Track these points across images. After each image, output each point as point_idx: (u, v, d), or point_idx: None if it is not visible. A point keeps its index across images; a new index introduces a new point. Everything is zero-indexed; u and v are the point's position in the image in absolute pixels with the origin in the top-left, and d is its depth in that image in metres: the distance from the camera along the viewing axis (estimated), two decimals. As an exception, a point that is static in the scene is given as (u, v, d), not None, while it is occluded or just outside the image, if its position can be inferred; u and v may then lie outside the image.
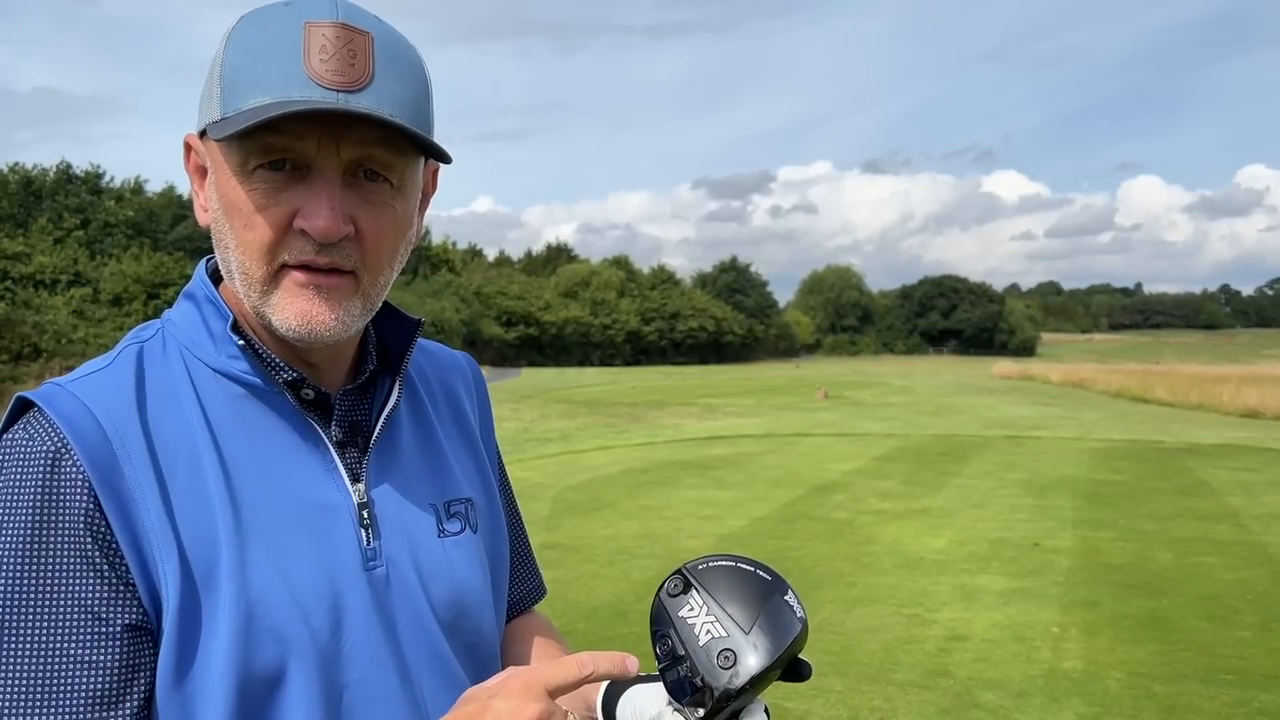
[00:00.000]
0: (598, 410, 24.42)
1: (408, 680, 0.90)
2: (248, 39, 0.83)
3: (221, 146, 0.83)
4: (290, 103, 0.79)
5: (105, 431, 0.81)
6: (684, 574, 0.91)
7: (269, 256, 0.84)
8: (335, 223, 0.82)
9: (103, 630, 0.78)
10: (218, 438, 0.85)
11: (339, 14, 0.82)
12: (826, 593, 6.44)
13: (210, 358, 0.88)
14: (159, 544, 0.80)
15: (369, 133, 0.82)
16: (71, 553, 0.78)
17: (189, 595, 0.80)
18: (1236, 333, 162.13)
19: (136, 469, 0.81)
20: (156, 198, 53.69)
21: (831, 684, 4.70)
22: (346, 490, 0.90)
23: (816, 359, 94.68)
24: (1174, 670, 4.92)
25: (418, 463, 0.97)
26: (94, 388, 0.84)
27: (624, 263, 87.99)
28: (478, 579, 0.98)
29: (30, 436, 0.81)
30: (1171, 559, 7.42)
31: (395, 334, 0.98)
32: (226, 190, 0.84)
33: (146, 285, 33.68)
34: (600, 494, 10.61)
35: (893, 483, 11.56)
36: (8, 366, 20.70)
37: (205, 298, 0.91)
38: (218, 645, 0.81)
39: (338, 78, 0.80)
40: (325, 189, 0.82)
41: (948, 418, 22.37)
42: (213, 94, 0.84)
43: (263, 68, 0.81)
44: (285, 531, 0.85)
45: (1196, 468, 12.89)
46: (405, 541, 0.92)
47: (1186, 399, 27.77)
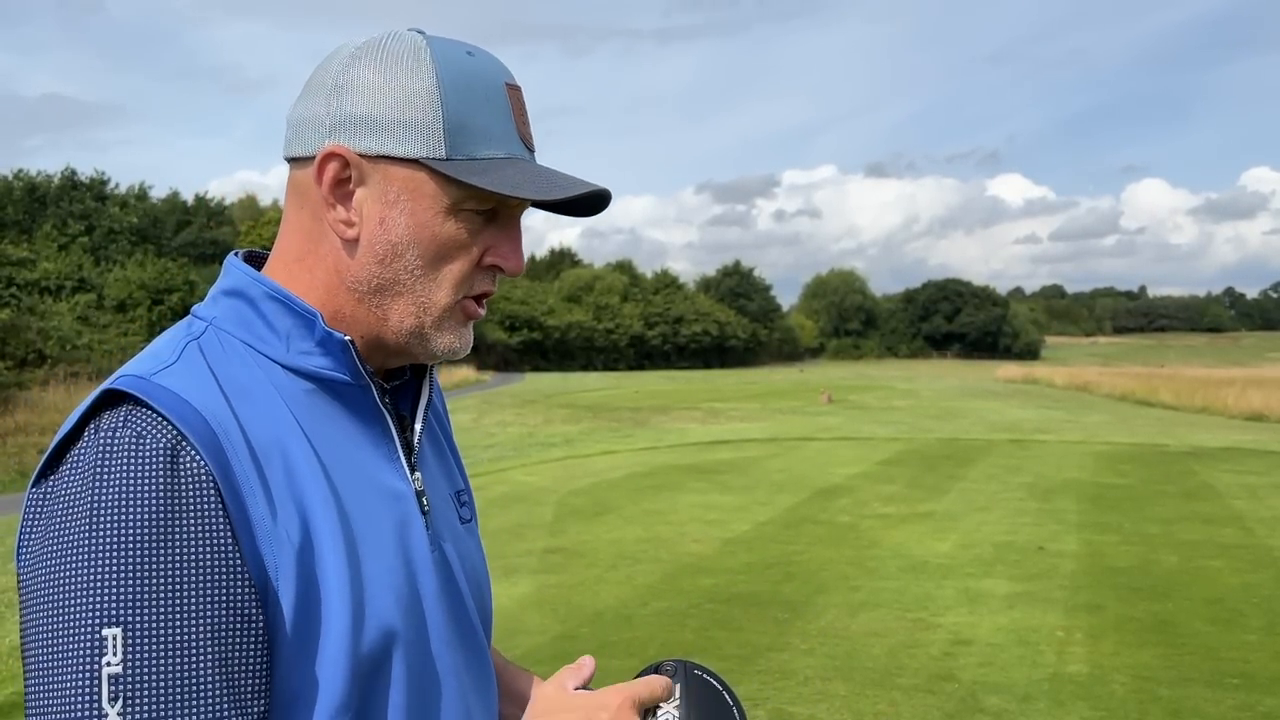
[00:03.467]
0: (601, 414, 24.43)
1: (459, 654, 0.95)
2: (461, 84, 0.87)
3: (438, 180, 0.86)
4: (549, 174, 0.88)
5: (210, 425, 0.80)
6: (681, 668, 1.00)
7: (459, 288, 0.90)
8: (522, 261, 0.92)
9: (249, 628, 0.78)
10: (305, 430, 0.87)
11: (513, 77, 0.90)
12: (831, 597, 6.44)
13: (278, 354, 0.89)
14: (267, 538, 0.80)
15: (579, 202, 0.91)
16: (209, 549, 0.77)
17: (303, 584, 0.81)
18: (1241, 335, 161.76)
19: (242, 463, 0.80)
20: (161, 204, 53.80)
21: (836, 688, 4.70)
22: (408, 479, 0.94)
23: (820, 363, 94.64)
24: (1179, 674, 4.91)
25: (435, 461, 1.03)
26: (185, 380, 0.82)
27: (627, 267, 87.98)
28: (484, 563, 1.06)
29: (139, 430, 0.77)
30: (1176, 562, 7.41)
31: None
32: (429, 222, 0.87)
33: (151, 291, 33.71)
34: (604, 498, 10.61)
35: (897, 486, 11.55)
36: (12, 373, 20.73)
37: (266, 295, 0.90)
38: (333, 629, 0.82)
39: (531, 142, 0.90)
40: (518, 234, 0.92)
41: (952, 421, 22.34)
42: (429, 128, 0.85)
43: (486, 120, 0.87)
44: (374, 518, 0.89)
45: (1201, 471, 12.87)
46: (447, 527, 0.98)
47: (1191, 402, 27.72)
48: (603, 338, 73.90)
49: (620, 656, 5.15)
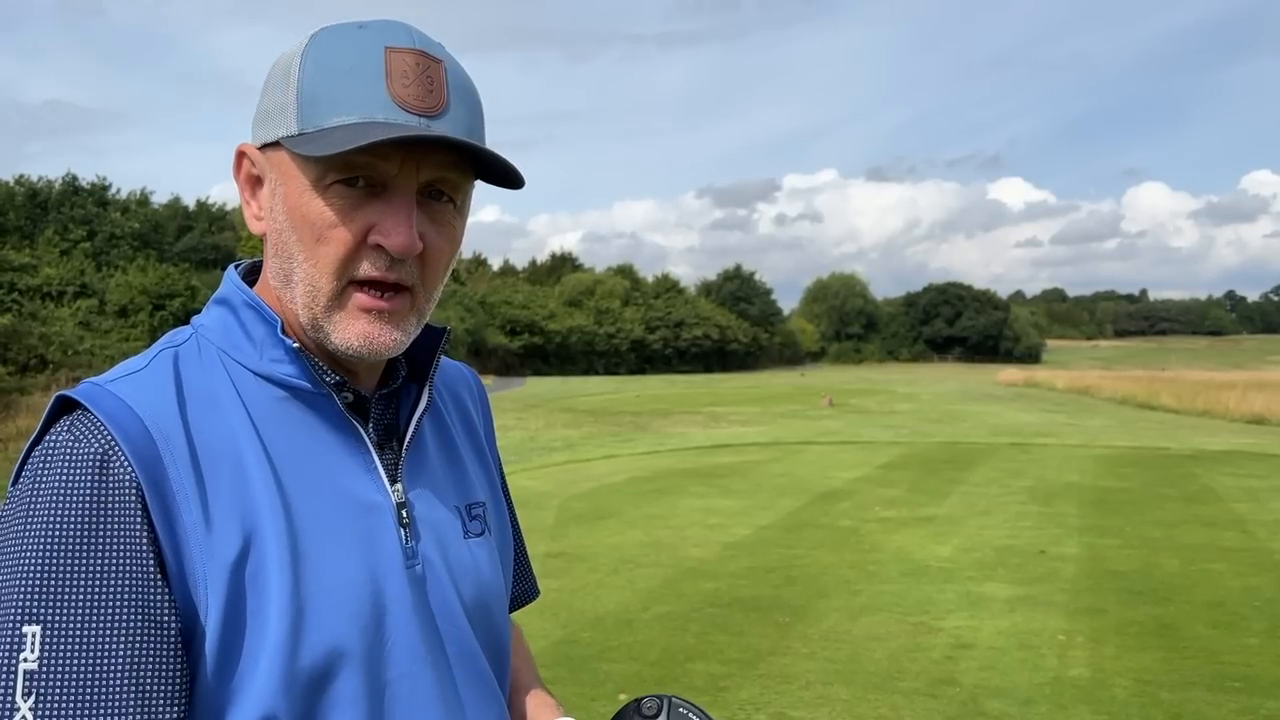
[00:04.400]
0: (602, 419, 24.42)
1: (444, 675, 0.92)
2: (326, 58, 0.85)
3: (296, 159, 0.85)
4: (385, 126, 0.81)
5: (150, 432, 0.81)
6: (665, 704, 1.00)
7: (340, 271, 0.85)
8: (413, 239, 0.84)
9: (162, 635, 0.79)
10: (263, 438, 0.86)
11: (415, 41, 0.86)
12: (832, 601, 6.44)
13: (251, 361, 0.89)
14: (198, 546, 0.80)
15: (445, 156, 0.86)
16: (125, 550, 0.78)
17: (234, 595, 0.81)
18: (1242, 338, 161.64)
19: (180, 471, 0.81)
20: (162, 209, 53.83)
21: (837, 693, 4.70)
22: (386, 490, 0.91)
23: (821, 367, 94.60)
24: (1181, 678, 4.91)
25: (442, 466, 1.00)
26: (135, 388, 0.84)
27: (628, 271, 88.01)
28: (496, 578, 1.01)
29: (76, 437, 0.80)
30: (1178, 566, 7.40)
31: (423, 343, 0.99)
32: (298, 203, 0.85)
33: (152, 296, 33.74)
34: (605, 503, 10.61)
35: (898, 490, 11.55)
36: (14, 378, 20.75)
37: (244, 303, 0.91)
38: (267, 643, 0.81)
39: (419, 103, 0.84)
40: (405, 207, 0.85)
41: (953, 425, 22.33)
42: (286, 108, 0.85)
43: (343, 87, 0.84)
44: (332, 530, 0.86)
45: (1202, 474, 12.86)
46: (437, 541, 0.94)
47: (1192, 405, 27.71)
48: (604, 342, 73.89)
49: (622, 661, 5.15)
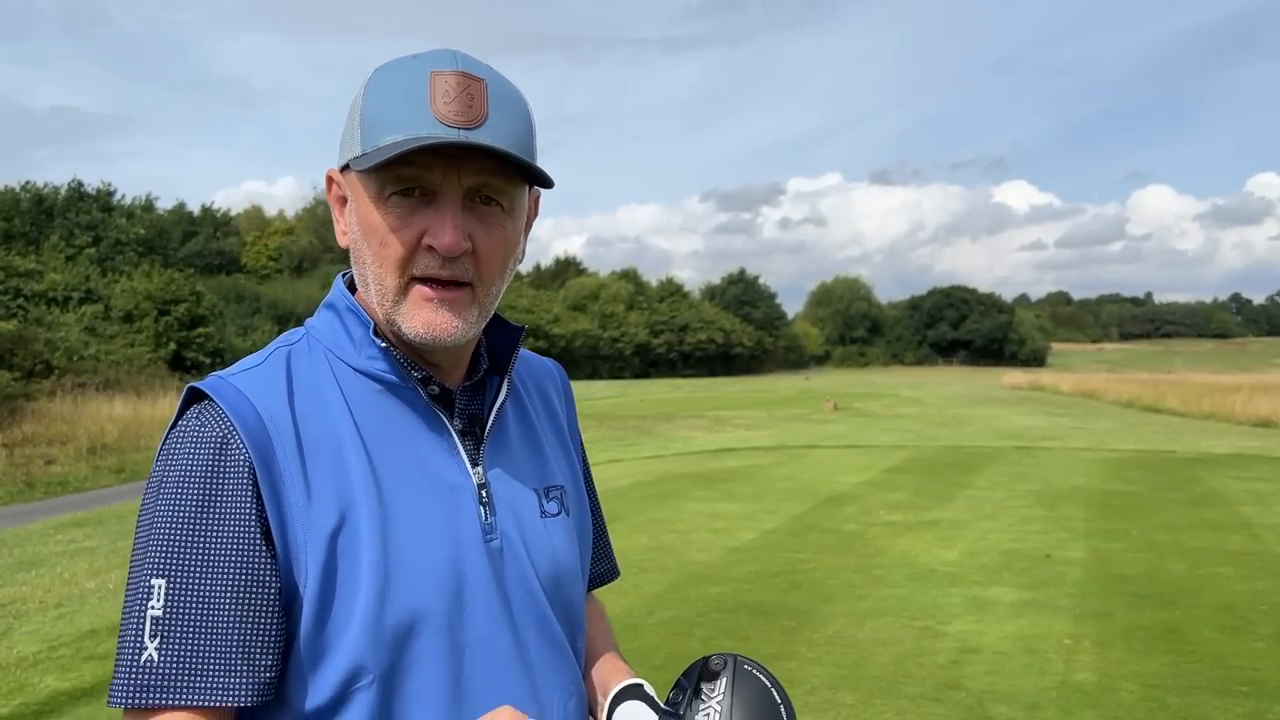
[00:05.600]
0: (607, 423, 24.42)
1: (518, 639, 1.04)
2: (383, 87, 0.98)
3: (361, 177, 0.98)
4: (420, 138, 0.93)
5: (263, 420, 0.95)
6: (732, 663, 1.04)
7: (401, 270, 0.98)
8: (457, 239, 0.97)
9: (264, 592, 0.93)
10: (360, 426, 1.00)
11: (458, 64, 0.97)
12: (837, 605, 6.43)
13: (351, 358, 1.03)
14: (300, 519, 0.94)
15: (485, 163, 0.97)
16: (238, 520, 0.93)
17: (330, 562, 0.94)
18: (1248, 341, 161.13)
19: (287, 454, 0.95)
20: (167, 215, 53.96)
21: (843, 697, 4.68)
22: (468, 473, 1.04)
23: (826, 370, 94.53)
24: (1188, 682, 4.89)
25: (522, 452, 1.12)
26: (252, 381, 0.99)
27: (632, 275, 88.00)
28: (572, 555, 1.13)
29: (202, 423, 0.95)
30: (1184, 570, 7.38)
31: (502, 339, 1.13)
32: (365, 215, 0.99)
33: (157, 302, 33.75)
34: (610, 507, 10.60)
35: (903, 494, 11.53)
36: (20, 384, 20.78)
37: (346, 308, 1.05)
38: (358, 604, 0.94)
39: (459, 117, 0.95)
40: (449, 211, 0.97)
41: (958, 429, 22.30)
42: (354, 134, 0.99)
43: (396, 111, 0.96)
44: (418, 507, 0.99)
45: (1209, 478, 12.83)
46: (515, 519, 1.06)
47: (1198, 408, 27.65)
48: (608, 346, 73.89)
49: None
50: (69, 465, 15.59)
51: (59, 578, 7.60)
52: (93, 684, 4.98)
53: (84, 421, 18.42)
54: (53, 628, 6.13)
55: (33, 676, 5.13)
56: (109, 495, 13.20)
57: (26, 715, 4.58)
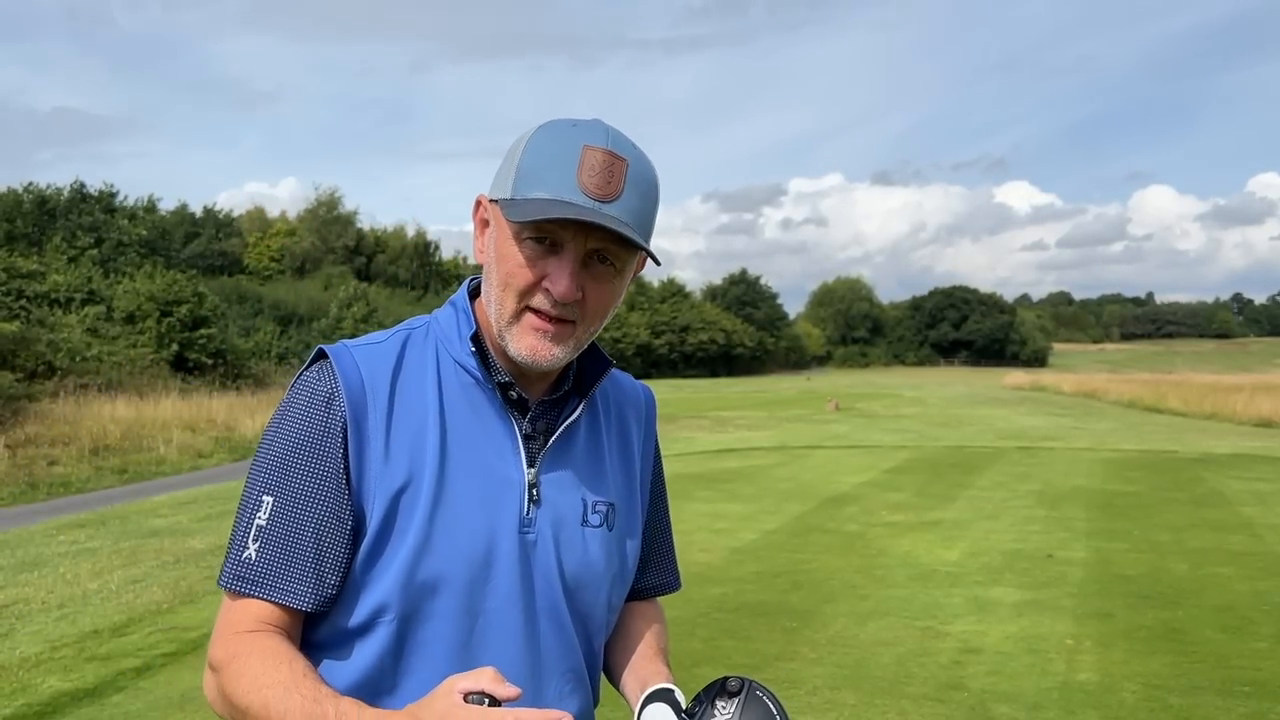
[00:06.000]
0: (608, 424, 24.37)
1: (532, 622, 1.20)
2: (542, 146, 1.14)
3: (505, 214, 1.14)
4: (564, 205, 1.10)
5: (364, 387, 1.16)
6: (747, 687, 1.17)
7: (519, 299, 1.16)
8: (572, 291, 1.14)
9: (339, 524, 1.14)
10: (445, 409, 1.19)
11: (609, 142, 1.13)
12: (839, 606, 6.42)
13: (455, 351, 1.22)
14: (375, 473, 1.15)
15: (609, 232, 1.12)
16: (330, 463, 1.15)
17: (390, 514, 1.14)
18: (1249, 341, 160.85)
19: (377, 418, 1.16)
20: (169, 216, 53.97)
21: (845, 698, 4.69)
22: (523, 471, 1.21)
23: (827, 371, 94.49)
24: (1190, 682, 4.89)
25: (582, 466, 1.27)
26: (368, 354, 1.20)
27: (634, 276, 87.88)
28: (602, 565, 1.26)
29: (320, 378, 1.17)
30: (1186, 570, 7.38)
31: (593, 366, 1.29)
32: (502, 245, 1.16)
33: (159, 303, 33.72)
34: (612, 508, 10.61)
35: (905, 495, 11.53)
36: (22, 384, 20.78)
37: (462, 309, 1.25)
38: (400, 554, 1.14)
39: (598, 191, 1.11)
40: (569, 265, 1.13)
41: (959, 429, 22.30)
42: (508, 177, 1.15)
43: (548, 171, 1.12)
44: (471, 488, 1.17)
45: (1210, 478, 12.82)
46: (554, 520, 1.22)
47: (1200, 408, 27.64)
48: (609, 347, 72.93)
49: (628, 666, 5.15)
50: (71, 466, 15.60)
51: (61, 578, 7.61)
52: (95, 684, 4.98)
53: (86, 422, 18.42)
54: (55, 628, 6.14)
55: (35, 677, 5.14)
56: (111, 496, 13.21)
57: (29, 716, 4.59)
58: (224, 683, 1.12)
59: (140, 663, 5.34)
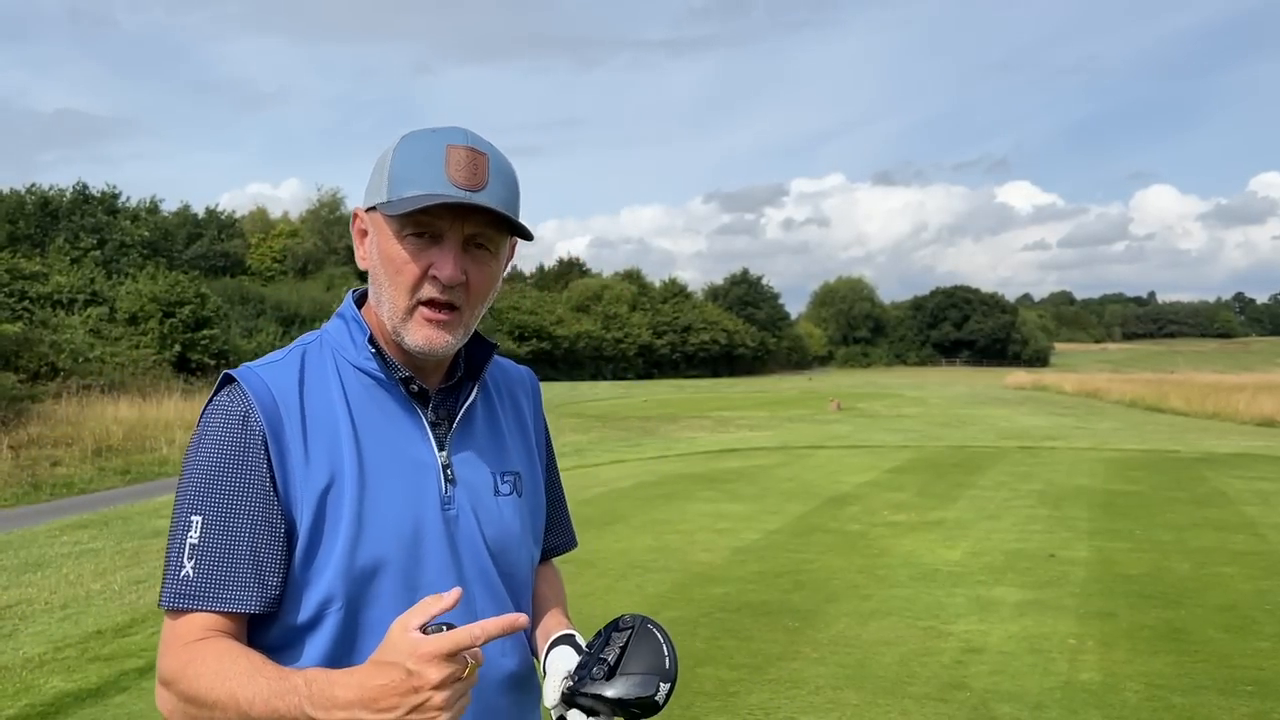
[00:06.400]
0: (610, 424, 24.43)
1: (466, 589, 1.25)
2: (409, 152, 1.26)
3: (385, 218, 1.26)
4: (438, 196, 1.21)
5: (276, 402, 1.24)
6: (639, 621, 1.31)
7: (411, 293, 1.26)
8: (456, 272, 1.25)
9: (273, 529, 1.21)
10: (353, 411, 1.27)
11: (468, 140, 1.26)
12: (841, 605, 6.42)
13: (352, 357, 1.31)
14: (299, 478, 1.22)
15: (482, 218, 1.25)
16: (254, 475, 1.21)
17: (319, 512, 1.22)
18: (1251, 341, 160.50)
19: (292, 428, 1.23)
20: (172, 217, 53.99)
21: (847, 697, 4.69)
22: (435, 455, 1.31)
23: (829, 371, 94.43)
24: (1193, 681, 4.89)
25: (485, 442, 1.38)
26: (272, 372, 1.28)
27: (636, 276, 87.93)
28: (518, 528, 1.39)
29: (232, 400, 1.24)
30: (1189, 569, 7.37)
31: (479, 352, 1.41)
32: (385, 247, 1.27)
33: (162, 304, 33.76)
34: (613, 508, 10.61)
35: (907, 494, 11.53)
36: (25, 385, 20.80)
37: (351, 318, 1.34)
38: (336, 547, 1.22)
39: (466, 182, 1.23)
40: (452, 251, 1.25)
41: (961, 429, 22.29)
42: (382, 184, 1.26)
43: (418, 171, 1.23)
44: (391, 477, 1.26)
45: (1213, 477, 12.81)
46: (470, 495, 1.33)
47: (1202, 408, 27.62)
48: (611, 347, 73.83)
49: (631, 666, 5.15)
50: (74, 467, 15.62)
51: (64, 579, 7.62)
52: (98, 685, 4.99)
53: (89, 423, 18.44)
54: (58, 629, 6.15)
55: (38, 678, 5.15)
56: (114, 497, 13.23)
57: (32, 717, 4.59)
58: (184, 689, 1.16)
59: (144, 663, 5.34)
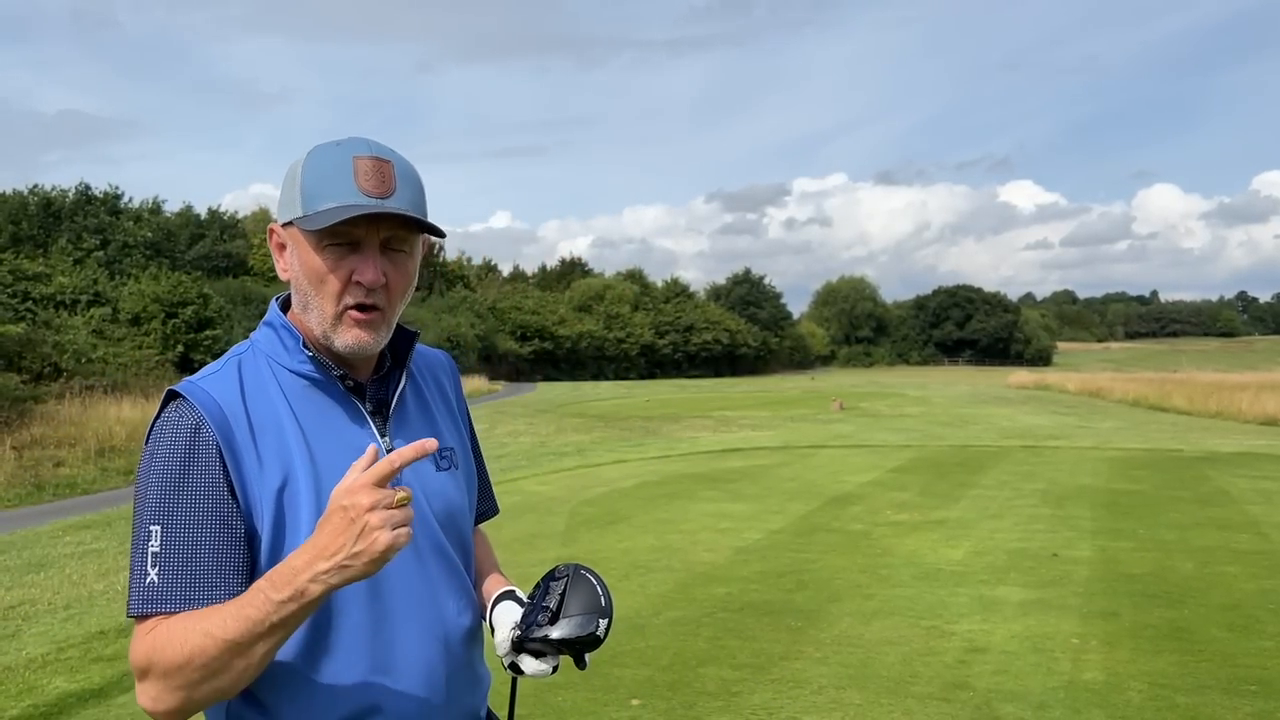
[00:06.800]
0: (613, 424, 24.43)
1: (422, 560, 1.40)
2: (317, 166, 1.33)
3: (303, 232, 1.34)
4: (353, 207, 1.29)
5: (224, 411, 1.30)
6: (574, 569, 1.45)
7: (337, 301, 1.35)
8: (378, 276, 1.34)
9: (232, 533, 1.28)
10: (296, 412, 1.35)
11: (372, 150, 1.34)
12: (844, 605, 6.42)
13: (286, 362, 1.39)
14: (254, 481, 1.29)
15: (394, 221, 1.33)
16: (209, 485, 1.27)
17: (279, 509, 1.30)
18: (1254, 340, 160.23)
19: (242, 435, 1.30)
20: (174, 218, 54.04)
21: (850, 697, 4.68)
22: (379, 442, 1.39)
23: (831, 370, 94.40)
24: (1196, 681, 4.88)
25: (419, 424, 1.48)
26: (214, 383, 1.34)
27: (638, 276, 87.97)
28: (460, 499, 1.51)
29: (181, 414, 1.30)
30: (1192, 568, 7.36)
31: (402, 342, 1.49)
32: (307, 259, 1.35)
33: (165, 304, 33.80)
34: (616, 507, 10.61)
35: (909, 494, 11.52)
36: (28, 386, 20.81)
37: (280, 325, 1.41)
38: (299, 539, 1.27)
39: (375, 190, 1.31)
40: (371, 256, 1.34)
41: (964, 428, 22.27)
42: (294, 199, 1.34)
43: (329, 184, 1.31)
44: (342, 467, 1.27)
45: (1216, 476, 12.79)
46: (415, 474, 1.41)
47: (1204, 407, 27.58)
48: (614, 347, 73.84)
49: (633, 666, 5.15)
50: (77, 467, 15.63)
51: (68, 579, 7.62)
52: (101, 685, 4.99)
53: (92, 424, 18.45)
54: (61, 629, 6.15)
55: (41, 678, 5.15)
56: (117, 497, 13.23)
57: (35, 717, 4.60)
58: (160, 663, 1.21)
59: (146, 663, 5.34)
